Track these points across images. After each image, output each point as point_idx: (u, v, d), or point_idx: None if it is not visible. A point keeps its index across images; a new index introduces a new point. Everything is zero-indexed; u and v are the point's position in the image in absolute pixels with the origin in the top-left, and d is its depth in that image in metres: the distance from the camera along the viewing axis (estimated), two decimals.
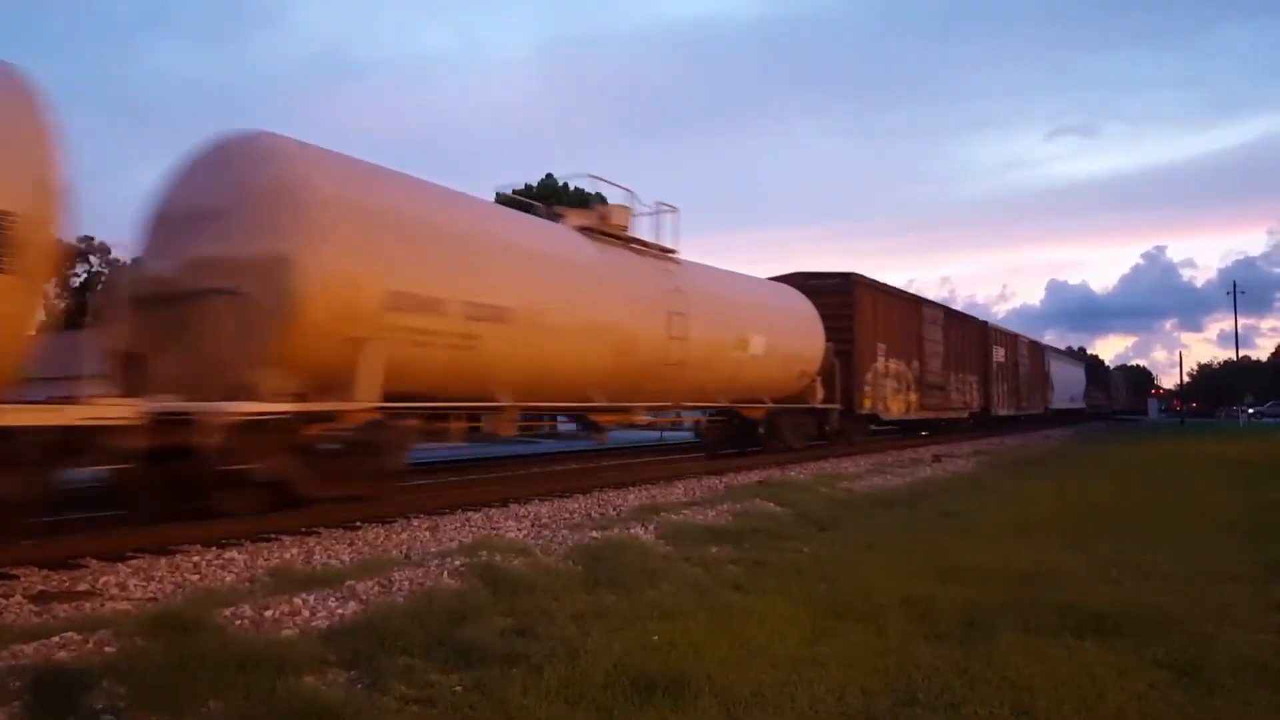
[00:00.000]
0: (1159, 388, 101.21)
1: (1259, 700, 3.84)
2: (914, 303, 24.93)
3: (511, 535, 7.64)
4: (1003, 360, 33.52)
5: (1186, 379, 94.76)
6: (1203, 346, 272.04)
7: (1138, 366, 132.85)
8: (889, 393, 21.70)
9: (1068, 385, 50.02)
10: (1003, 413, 33.17)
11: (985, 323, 32.60)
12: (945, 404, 26.42)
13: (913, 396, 23.46)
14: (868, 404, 20.44)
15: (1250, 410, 62.02)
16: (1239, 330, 70.76)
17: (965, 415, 28.86)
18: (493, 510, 9.42)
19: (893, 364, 21.98)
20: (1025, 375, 37.16)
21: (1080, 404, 55.81)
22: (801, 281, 19.74)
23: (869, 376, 20.44)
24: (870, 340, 20.78)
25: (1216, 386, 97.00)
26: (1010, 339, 35.54)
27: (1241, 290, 61.30)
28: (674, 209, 14.61)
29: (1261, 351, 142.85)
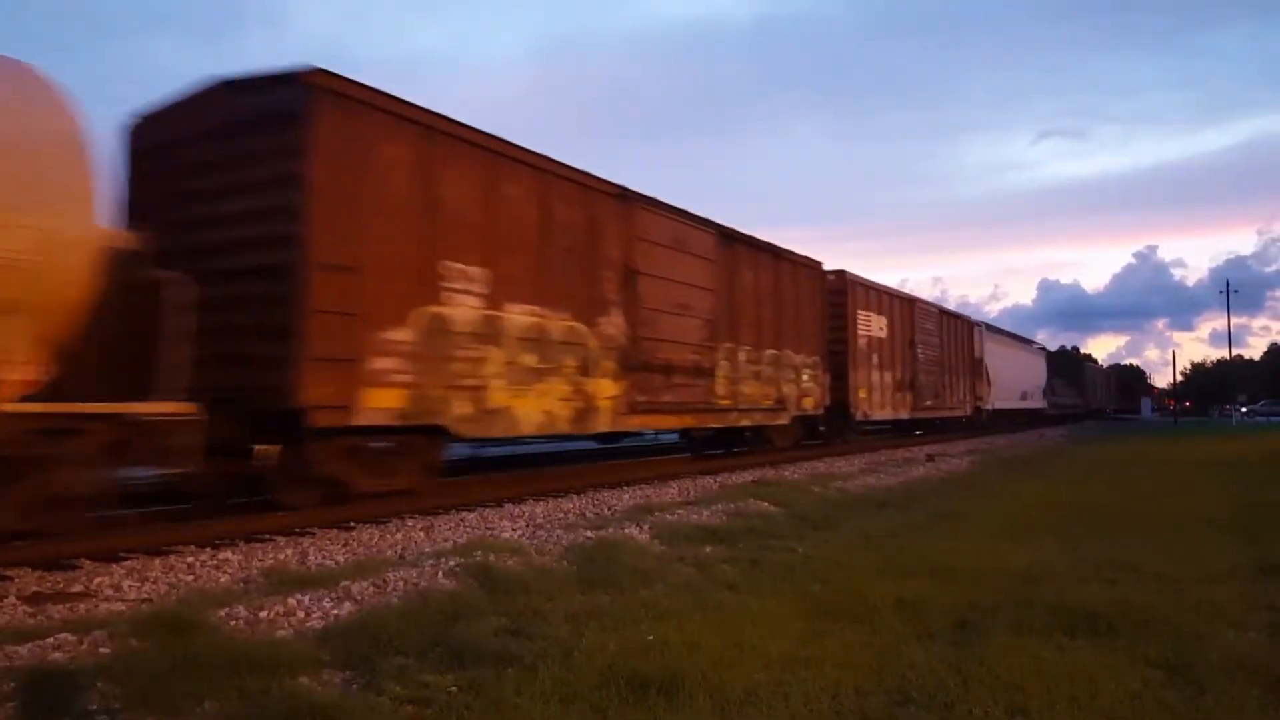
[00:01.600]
0: (1153, 386, 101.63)
1: (1250, 699, 3.85)
2: (616, 201, 12.09)
3: (506, 535, 7.64)
4: (882, 335, 21.62)
5: (1179, 378, 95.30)
6: (1195, 345, 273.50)
7: (1130, 365, 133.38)
8: (494, 376, 9.80)
9: (1017, 378, 38.45)
10: (879, 416, 21.65)
11: (843, 273, 20.19)
12: (719, 399, 14.51)
13: (608, 388, 11.63)
14: (381, 404, 8.45)
15: (1243, 409, 62.24)
16: (1231, 329, 71.34)
17: (785, 420, 17.02)
18: (488, 510, 9.42)
19: (521, 314, 10.23)
20: (933, 361, 25.62)
21: (1038, 403, 43.74)
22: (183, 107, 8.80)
23: (390, 337, 8.58)
24: (385, 252, 8.62)
25: (1209, 385, 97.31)
26: (902, 305, 23.59)
27: (1234, 289, 61.68)
28: None
29: (1253, 350, 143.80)
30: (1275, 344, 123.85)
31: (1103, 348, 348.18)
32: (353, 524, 8.21)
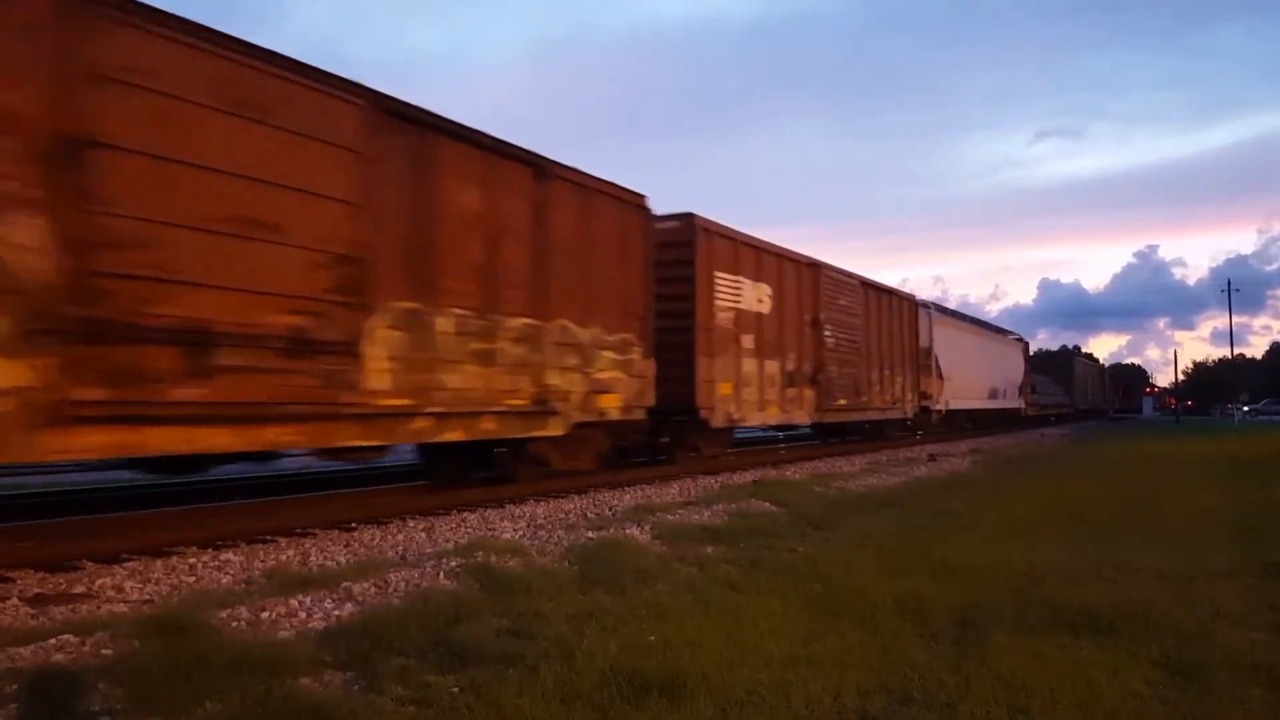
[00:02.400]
0: (1154, 385, 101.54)
1: (1253, 698, 3.85)
2: None
3: (507, 536, 7.64)
4: (762, 310, 15.61)
5: (1181, 377, 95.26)
6: (1196, 344, 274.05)
7: (1131, 364, 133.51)
8: None
9: (984, 373, 31.91)
10: (757, 420, 15.77)
11: (690, 216, 13.84)
12: (374, 397, 8.02)
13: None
14: None
15: (1245, 408, 62.18)
16: (1233, 328, 70.91)
17: (559, 430, 10.53)
18: (488, 511, 9.42)
19: None
20: (851, 348, 19.32)
21: (1013, 403, 37.54)
22: None
23: None
24: None
25: (1211, 384, 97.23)
26: (800, 272, 17.27)
27: (1235, 289, 61.62)
28: None
29: (1255, 349, 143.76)
30: (1277, 343, 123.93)
31: (1104, 347, 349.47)
32: (354, 525, 8.23)
